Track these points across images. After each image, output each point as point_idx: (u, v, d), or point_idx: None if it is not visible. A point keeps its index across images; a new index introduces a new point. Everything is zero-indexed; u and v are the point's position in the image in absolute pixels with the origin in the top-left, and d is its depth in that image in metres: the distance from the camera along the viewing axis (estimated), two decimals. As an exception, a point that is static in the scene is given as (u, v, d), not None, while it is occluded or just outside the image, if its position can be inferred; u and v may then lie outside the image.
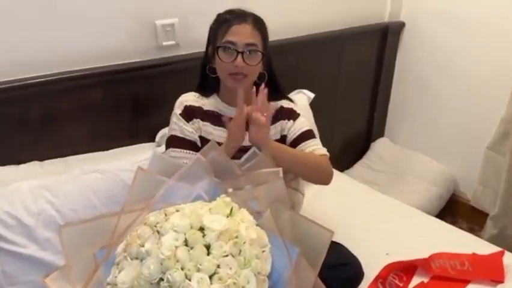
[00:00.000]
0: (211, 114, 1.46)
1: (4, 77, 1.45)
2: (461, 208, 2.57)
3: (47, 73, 1.52)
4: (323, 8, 2.27)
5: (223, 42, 1.35)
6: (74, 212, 1.39)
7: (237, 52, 1.33)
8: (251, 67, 1.35)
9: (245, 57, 1.33)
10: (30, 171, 1.50)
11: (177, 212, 1.06)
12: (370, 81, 2.66)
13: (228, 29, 1.34)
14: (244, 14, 1.37)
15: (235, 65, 1.33)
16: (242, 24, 1.34)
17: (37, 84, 1.49)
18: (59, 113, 1.58)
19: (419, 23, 2.57)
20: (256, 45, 1.35)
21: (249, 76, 1.37)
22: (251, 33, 1.34)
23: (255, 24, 1.36)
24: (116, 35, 1.65)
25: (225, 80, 1.39)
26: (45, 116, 1.55)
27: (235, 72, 1.35)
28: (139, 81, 1.73)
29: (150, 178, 1.19)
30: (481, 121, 2.42)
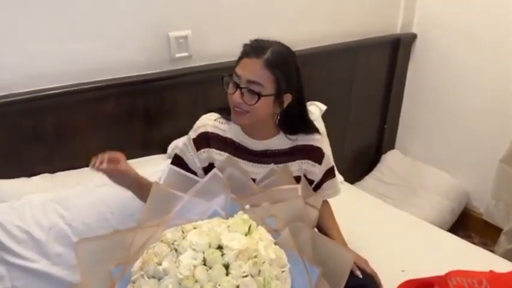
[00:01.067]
0: (231, 144, 1.36)
1: (19, 89, 1.45)
2: (474, 222, 2.54)
3: (61, 85, 1.51)
4: (336, 20, 2.26)
5: (231, 72, 1.28)
6: (86, 226, 1.36)
7: (236, 87, 1.24)
8: (250, 106, 1.24)
9: (243, 94, 1.23)
10: (41, 184, 1.48)
11: (194, 229, 1.04)
12: (381, 93, 2.64)
13: (240, 60, 1.27)
14: (263, 49, 1.24)
15: (233, 98, 1.26)
16: (253, 59, 1.23)
17: (51, 96, 1.48)
18: (72, 125, 1.57)
19: (431, 35, 2.55)
20: (259, 84, 1.22)
21: (251, 113, 1.25)
22: (259, 71, 1.22)
23: (269, 62, 1.22)
24: (129, 47, 1.64)
25: (232, 110, 1.30)
26: (58, 127, 1.54)
27: (234, 105, 1.27)
28: (152, 93, 1.71)
29: (166, 193, 1.17)
30: (493, 134, 2.39)
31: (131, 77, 1.66)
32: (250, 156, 1.36)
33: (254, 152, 1.37)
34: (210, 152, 1.36)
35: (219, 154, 1.35)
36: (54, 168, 1.57)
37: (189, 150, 1.38)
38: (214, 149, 1.36)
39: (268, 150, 1.37)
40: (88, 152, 1.61)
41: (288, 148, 1.39)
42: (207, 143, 1.36)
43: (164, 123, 1.77)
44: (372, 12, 2.42)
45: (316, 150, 1.42)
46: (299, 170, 1.40)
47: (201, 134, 1.37)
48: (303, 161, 1.40)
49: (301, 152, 1.40)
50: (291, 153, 1.38)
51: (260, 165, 1.36)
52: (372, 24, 2.43)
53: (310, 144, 1.41)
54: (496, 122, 2.37)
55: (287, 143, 1.39)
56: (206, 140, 1.36)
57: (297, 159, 1.39)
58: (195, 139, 1.37)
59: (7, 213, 1.30)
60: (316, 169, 1.42)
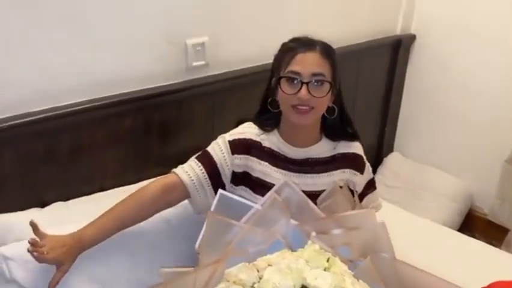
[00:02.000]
0: (270, 153, 1.29)
1: (29, 108, 1.28)
2: (478, 223, 2.54)
3: (75, 102, 1.35)
4: (339, 24, 2.20)
5: (286, 72, 1.20)
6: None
7: (302, 83, 1.18)
8: (318, 99, 1.19)
9: (311, 89, 1.18)
10: (56, 214, 1.32)
11: (270, 266, 0.93)
12: (382, 95, 2.61)
13: (292, 58, 1.20)
14: (312, 41, 1.23)
15: (299, 97, 1.18)
16: (308, 52, 1.20)
17: (65, 115, 1.33)
18: (86, 145, 1.42)
19: (430, 35, 2.53)
20: (323, 75, 1.20)
21: (315, 109, 1.21)
22: (318, 62, 1.20)
23: (323, 52, 1.22)
24: (146, 57, 1.51)
25: (288, 113, 1.23)
26: (72, 149, 1.39)
27: (298, 104, 1.19)
28: (169, 106, 1.59)
29: (222, 223, 1.05)
30: (495, 135, 2.39)
31: (149, 89, 1.52)
32: (291, 165, 1.29)
33: (294, 160, 1.29)
34: (249, 159, 1.28)
35: (259, 163, 1.28)
36: (67, 192, 1.41)
37: (222, 150, 1.28)
38: (255, 157, 1.28)
39: (310, 159, 1.30)
40: (103, 173, 1.49)
41: (329, 156, 1.32)
42: (247, 150, 1.28)
43: (181, 137, 1.65)
44: (374, 14, 2.37)
45: (358, 159, 1.36)
46: (340, 180, 1.32)
47: (241, 139, 1.29)
48: (345, 170, 1.33)
49: (342, 160, 1.33)
50: (332, 162, 1.32)
51: (301, 174, 1.29)
52: (374, 26, 2.39)
53: (352, 152, 1.35)
54: (498, 123, 2.38)
55: (328, 151, 1.32)
56: (247, 146, 1.29)
57: (339, 168, 1.32)
58: (232, 142, 1.29)
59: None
60: (358, 178, 1.35)
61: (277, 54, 1.28)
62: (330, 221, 1.06)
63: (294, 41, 1.25)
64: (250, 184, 1.27)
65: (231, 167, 1.28)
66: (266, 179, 1.26)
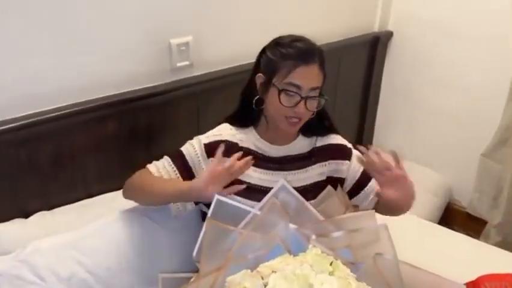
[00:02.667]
0: (248, 153, 1.24)
1: (10, 114, 1.21)
2: (457, 216, 2.59)
3: (58, 106, 1.29)
4: (319, 22, 2.19)
5: (286, 83, 1.16)
6: (109, 271, 1.18)
7: (301, 98, 1.16)
8: (310, 112, 1.20)
9: (307, 103, 1.17)
10: (41, 224, 1.27)
11: (274, 273, 0.91)
12: (360, 92, 2.62)
13: (293, 69, 1.16)
14: (312, 51, 1.19)
15: (296, 111, 1.17)
16: (311, 65, 1.17)
17: (48, 121, 1.27)
18: (69, 151, 1.37)
19: (407, 32, 2.55)
20: (320, 87, 1.20)
21: (303, 119, 1.22)
22: (317, 76, 1.18)
23: (321, 63, 1.20)
24: (129, 58, 1.46)
25: (278, 121, 1.22)
26: (54, 155, 1.33)
27: (292, 116, 1.18)
28: (154, 109, 1.54)
29: (221, 229, 1.02)
30: (471, 129, 2.44)
31: (132, 92, 1.47)
32: (270, 163, 1.28)
33: (273, 159, 1.28)
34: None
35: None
36: (51, 201, 1.36)
37: (197, 154, 1.25)
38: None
39: (288, 156, 1.29)
40: (88, 180, 1.44)
41: (306, 152, 1.32)
42: (224, 153, 1.20)
43: (166, 140, 1.60)
44: (352, 12, 2.38)
45: (339, 147, 1.35)
46: (320, 175, 1.31)
47: (216, 142, 1.24)
48: (325, 163, 1.32)
49: (321, 154, 1.32)
50: (310, 157, 1.31)
51: (280, 172, 1.27)
52: (352, 23, 2.40)
53: (330, 143, 1.35)
54: (475, 117, 2.42)
55: (306, 147, 1.32)
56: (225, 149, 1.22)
57: (317, 162, 1.31)
58: (207, 145, 1.25)
59: (16, 267, 1.09)
60: (347, 166, 1.33)
61: (270, 54, 1.22)
62: (329, 223, 1.05)
63: (293, 46, 1.19)
64: (228, 185, 1.21)
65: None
66: (244, 178, 1.22)
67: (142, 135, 1.53)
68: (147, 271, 1.25)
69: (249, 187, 1.21)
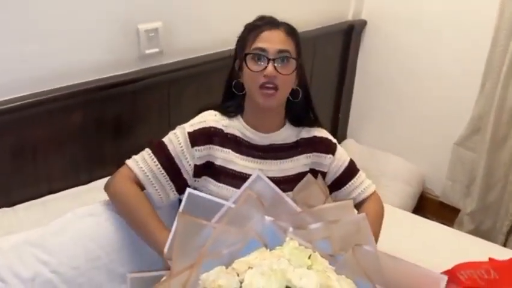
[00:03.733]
0: (233, 139, 1.25)
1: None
2: (430, 204, 2.61)
3: (19, 96, 1.21)
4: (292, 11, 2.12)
5: (252, 49, 1.18)
6: (75, 270, 1.11)
7: (268, 60, 1.16)
8: (284, 77, 1.17)
9: (277, 66, 1.16)
10: (2, 223, 1.19)
11: (250, 269, 0.86)
12: (335, 82, 2.60)
13: (258, 35, 1.18)
14: (276, 20, 1.23)
15: (266, 73, 1.15)
16: (274, 29, 1.19)
17: (8, 111, 1.17)
18: (31, 144, 1.29)
19: (380, 21, 2.54)
20: (289, 52, 1.19)
21: (280, 90, 1.18)
22: (284, 40, 1.19)
23: (288, 31, 1.21)
24: (95, 45, 1.39)
25: (255, 95, 1.19)
26: (14, 149, 1.24)
27: (265, 83, 1.16)
28: (122, 98, 1.48)
29: (193, 224, 0.97)
30: (444, 118, 2.45)
31: (99, 80, 1.40)
32: (255, 151, 1.26)
33: (258, 146, 1.26)
34: (211, 149, 1.23)
35: (222, 151, 1.24)
36: (12, 198, 1.28)
37: (180, 143, 1.21)
38: (217, 145, 1.24)
39: (274, 145, 1.27)
40: (51, 175, 1.37)
41: (292, 142, 1.30)
42: (209, 140, 1.23)
43: (136, 131, 1.54)
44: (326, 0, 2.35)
45: (324, 141, 1.34)
46: (305, 165, 1.30)
47: (201, 129, 1.23)
48: (309, 155, 1.31)
49: (306, 145, 1.31)
50: (296, 147, 1.30)
51: (265, 161, 1.26)
52: (326, 12, 2.37)
53: (315, 135, 1.34)
54: (448, 106, 2.43)
55: (292, 137, 1.30)
56: (208, 136, 1.23)
57: (302, 153, 1.30)
58: (192, 133, 1.22)
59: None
60: (328, 160, 1.32)
61: (241, 34, 1.25)
62: (307, 215, 1.02)
63: (259, 19, 1.23)
64: (214, 173, 1.23)
65: (191, 161, 1.21)
66: (229, 166, 1.23)
67: (109, 126, 1.46)
68: (117, 269, 1.20)
69: (234, 174, 1.21)
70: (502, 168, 2.23)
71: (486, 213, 2.31)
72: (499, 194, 2.27)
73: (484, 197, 2.28)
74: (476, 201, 2.29)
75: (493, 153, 2.21)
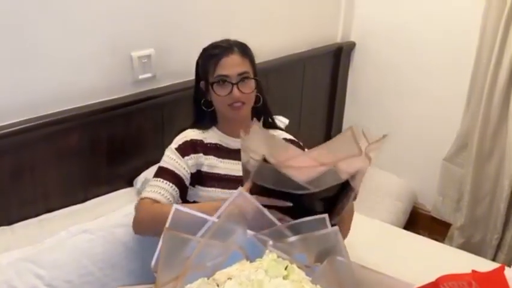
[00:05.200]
0: (214, 147, 1.39)
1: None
2: (422, 219, 2.65)
3: (18, 120, 1.28)
4: (282, 34, 2.25)
5: (215, 77, 1.32)
6: (69, 284, 1.17)
7: (232, 84, 1.30)
8: (247, 95, 1.33)
9: (240, 87, 1.31)
10: (1, 241, 1.24)
11: (230, 279, 0.92)
12: (326, 101, 2.68)
13: (217, 63, 1.32)
14: (230, 45, 1.35)
15: (232, 96, 1.31)
16: (230, 55, 1.33)
17: (7, 135, 1.25)
18: (29, 165, 1.36)
19: (369, 42, 2.63)
20: (248, 72, 1.34)
21: (246, 104, 1.34)
22: (240, 62, 1.33)
23: (242, 52, 1.35)
24: (90, 71, 1.47)
25: (225, 112, 1.36)
26: (13, 169, 1.31)
27: (233, 102, 1.31)
28: (116, 121, 1.55)
29: (179, 238, 1.03)
30: (433, 135, 2.52)
31: (94, 104, 1.47)
32: (233, 154, 1.37)
33: (236, 150, 1.34)
34: (198, 157, 1.36)
35: (206, 158, 1.37)
36: (10, 217, 1.33)
37: (174, 159, 1.35)
38: (201, 153, 1.37)
39: None
40: (48, 195, 1.44)
41: None
42: (194, 149, 1.37)
43: (129, 152, 1.61)
44: (316, 24, 2.44)
45: (293, 142, 1.45)
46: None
47: (184, 142, 1.37)
48: None
49: None
50: None
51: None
52: (315, 35, 2.46)
53: (284, 137, 1.46)
54: (436, 123, 2.50)
55: None
56: (192, 146, 1.37)
57: None
58: (178, 148, 1.36)
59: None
60: None
61: (200, 60, 1.39)
62: (285, 228, 1.07)
63: (214, 47, 1.36)
64: (201, 180, 1.35)
65: (188, 169, 1.34)
66: (214, 170, 1.36)
67: (104, 148, 1.53)
68: (109, 284, 1.25)
69: (219, 177, 1.34)
70: (489, 182, 2.28)
71: (475, 227, 2.35)
72: (487, 208, 2.31)
73: (473, 211, 2.32)
74: (465, 216, 2.33)
75: (479, 168, 2.26)
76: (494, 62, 2.08)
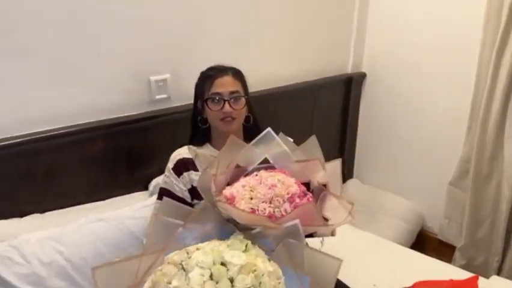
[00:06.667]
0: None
1: (13, 132, 1.53)
2: (430, 242, 2.76)
3: (51, 128, 1.61)
4: (295, 63, 2.49)
5: (210, 94, 1.54)
6: (83, 261, 1.45)
7: (224, 100, 1.52)
8: (238, 111, 1.53)
9: (231, 104, 1.52)
10: (33, 223, 1.55)
11: (198, 250, 1.16)
12: (338, 127, 2.88)
13: (212, 83, 1.54)
14: (224, 68, 1.59)
15: (224, 111, 1.51)
16: (224, 76, 1.55)
17: (43, 139, 1.58)
18: (61, 166, 1.67)
19: (379, 72, 2.83)
20: (238, 91, 1.55)
21: (237, 119, 1.55)
22: (232, 83, 1.55)
23: (234, 75, 1.58)
24: (114, 91, 1.79)
25: (217, 125, 1.56)
26: (48, 168, 1.63)
27: (225, 117, 1.52)
28: (134, 134, 1.84)
29: (166, 222, 1.28)
30: (441, 160, 2.66)
31: (117, 118, 1.79)
32: None
33: None
34: (189, 174, 1.55)
35: (196, 174, 1.53)
36: (43, 207, 1.64)
37: (172, 181, 1.56)
38: (192, 170, 1.54)
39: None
40: (75, 191, 1.74)
41: None
42: (185, 168, 1.55)
43: (145, 161, 1.89)
44: (327, 55, 2.68)
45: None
46: None
47: (178, 161, 1.57)
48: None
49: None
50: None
51: None
52: (327, 65, 2.69)
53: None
54: (443, 150, 2.64)
55: None
56: (184, 165, 1.55)
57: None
58: (174, 168, 1.57)
59: (7, 251, 1.37)
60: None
61: (198, 82, 1.62)
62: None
63: (211, 69, 1.60)
64: (197, 194, 1.50)
65: (184, 187, 1.55)
66: None
67: (123, 156, 1.83)
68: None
69: None
70: (488, 205, 2.38)
71: (477, 249, 2.44)
72: (487, 230, 2.41)
73: (473, 233, 2.42)
74: (465, 237, 2.44)
75: (478, 191, 2.37)
76: (488, 89, 2.24)
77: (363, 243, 2.10)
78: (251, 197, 1.29)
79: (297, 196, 1.33)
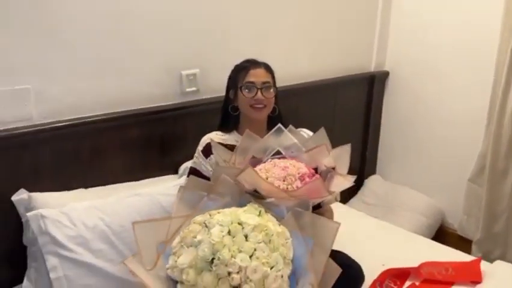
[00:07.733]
0: (231, 148, 1.79)
1: (62, 117, 1.87)
2: (450, 238, 2.95)
3: (93, 114, 1.95)
4: (318, 60, 2.77)
5: (245, 83, 1.83)
6: (122, 228, 1.75)
7: (257, 89, 1.80)
8: (268, 99, 1.82)
9: (263, 92, 1.81)
10: (79, 196, 1.88)
11: (219, 213, 1.45)
12: (361, 124, 3.13)
13: (247, 73, 1.84)
14: (258, 62, 1.90)
15: (256, 98, 1.80)
16: (257, 68, 1.85)
17: (87, 123, 1.91)
18: (103, 148, 1.99)
19: (402, 71, 3.08)
20: (269, 82, 1.84)
21: (267, 106, 1.83)
22: (265, 74, 1.85)
23: (266, 68, 1.88)
24: (149, 83, 2.11)
25: (248, 111, 1.84)
26: (92, 150, 1.96)
27: (256, 103, 1.81)
28: (166, 122, 2.16)
29: (192, 193, 1.58)
30: (461, 157, 2.87)
31: (151, 108, 2.11)
32: None
33: None
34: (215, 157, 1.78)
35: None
36: (86, 184, 1.97)
37: (200, 161, 1.86)
38: None
39: None
40: (116, 171, 2.05)
41: None
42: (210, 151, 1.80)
43: (176, 147, 2.21)
44: (350, 53, 2.94)
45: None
46: None
47: (206, 144, 1.86)
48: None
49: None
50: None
51: None
52: (350, 63, 2.95)
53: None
54: (463, 146, 2.86)
55: None
56: (211, 148, 1.80)
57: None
58: (203, 150, 1.87)
59: (58, 216, 1.69)
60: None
61: (232, 73, 1.91)
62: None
63: (246, 62, 1.90)
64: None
65: (210, 168, 1.83)
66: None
67: (156, 142, 2.15)
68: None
69: None
70: (505, 200, 2.58)
71: (494, 243, 2.63)
72: (504, 225, 2.60)
73: (490, 227, 2.62)
74: (481, 230, 2.64)
75: (494, 186, 2.58)
76: (503, 88, 2.45)
77: (377, 230, 2.34)
78: (267, 177, 1.58)
79: (307, 176, 1.62)
